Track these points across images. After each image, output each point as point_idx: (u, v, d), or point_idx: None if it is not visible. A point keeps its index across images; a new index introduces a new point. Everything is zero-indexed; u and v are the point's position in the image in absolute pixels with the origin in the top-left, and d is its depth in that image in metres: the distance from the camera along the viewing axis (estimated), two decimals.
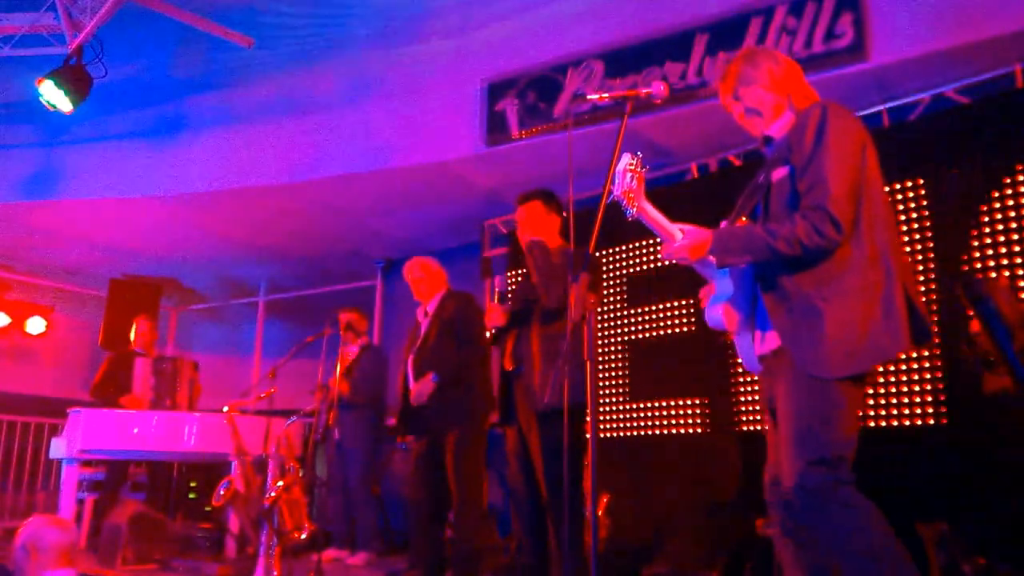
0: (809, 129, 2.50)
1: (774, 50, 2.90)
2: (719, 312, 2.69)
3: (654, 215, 2.56)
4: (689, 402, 5.56)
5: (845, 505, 2.30)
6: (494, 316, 4.08)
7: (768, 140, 2.76)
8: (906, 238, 4.70)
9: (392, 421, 6.13)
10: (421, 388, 4.58)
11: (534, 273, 3.96)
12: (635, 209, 2.46)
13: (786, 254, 2.41)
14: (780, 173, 2.58)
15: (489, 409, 4.71)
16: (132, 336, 7.07)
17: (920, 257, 4.66)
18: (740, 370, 5.28)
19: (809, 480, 2.32)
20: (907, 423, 4.54)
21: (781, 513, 2.52)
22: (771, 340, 2.55)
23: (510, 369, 4.02)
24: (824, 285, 2.41)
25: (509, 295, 4.35)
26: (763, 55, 2.77)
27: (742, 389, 5.29)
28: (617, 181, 2.45)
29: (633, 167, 2.43)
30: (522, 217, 4.16)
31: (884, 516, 2.30)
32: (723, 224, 2.74)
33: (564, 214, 4.20)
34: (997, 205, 4.45)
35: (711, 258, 2.56)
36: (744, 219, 2.72)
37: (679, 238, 2.57)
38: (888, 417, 4.61)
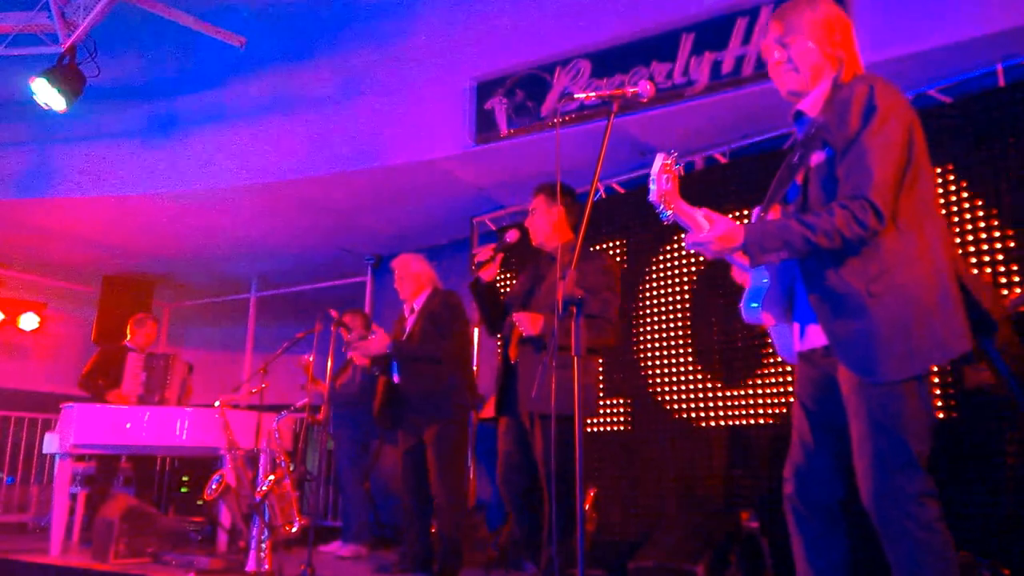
0: (854, 108, 2.28)
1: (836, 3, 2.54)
2: (757, 306, 2.49)
3: (688, 212, 2.32)
4: (681, 397, 5.58)
5: (928, 530, 2.12)
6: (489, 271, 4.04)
7: (799, 116, 2.51)
8: None
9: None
10: (378, 342, 4.63)
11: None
12: (671, 211, 2.26)
13: (825, 247, 2.22)
14: (818, 158, 2.37)
15: (471, 405, 4.76)
16: (130, 334, 6.92)
17: None
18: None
19: (891, 492, 2.15)
20: None
21: (799, 506, 2.42)
22: (813, 337, 2.37)
23: (514, 361, 3.97)
24: (873, 280, 2.22)
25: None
26: (827, 3, 2.47)
27: (730, 383, 5.33)
28: (654, 186, 2.24)
29: (669, 168, 2.24)
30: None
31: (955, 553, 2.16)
32: (756, 211, 2.53)
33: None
34: (980, 203, 4.46)
35: (742, 256, 2.34)
36: (778, 207, 2.48)
37: (705, 227, 2.31)
38: None
